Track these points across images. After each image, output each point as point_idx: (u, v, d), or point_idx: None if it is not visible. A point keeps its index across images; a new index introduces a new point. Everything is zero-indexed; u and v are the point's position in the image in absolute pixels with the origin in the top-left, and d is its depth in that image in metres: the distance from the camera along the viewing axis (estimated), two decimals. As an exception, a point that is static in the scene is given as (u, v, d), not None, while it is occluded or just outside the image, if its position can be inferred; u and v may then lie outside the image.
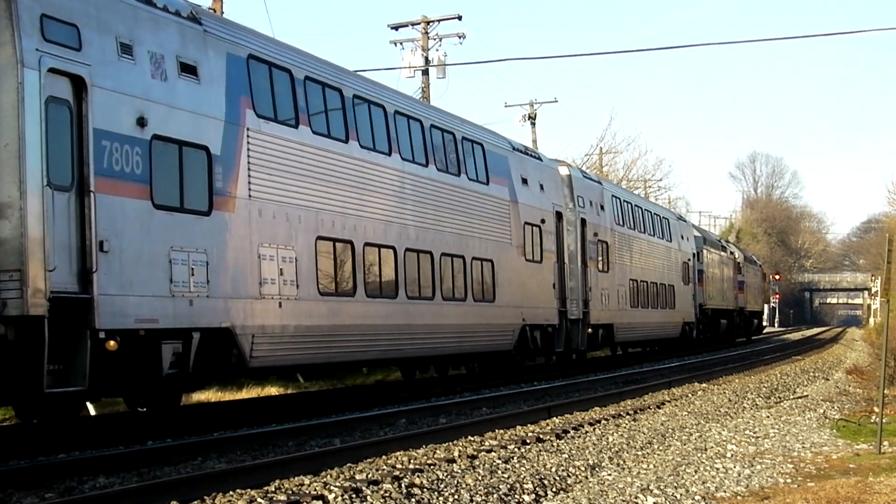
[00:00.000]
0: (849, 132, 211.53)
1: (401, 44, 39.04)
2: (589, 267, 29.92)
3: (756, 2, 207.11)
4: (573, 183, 29.55)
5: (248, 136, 15.57)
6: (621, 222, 33.99)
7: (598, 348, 32.72)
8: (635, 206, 36.93)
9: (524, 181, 25.93)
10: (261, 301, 15.52)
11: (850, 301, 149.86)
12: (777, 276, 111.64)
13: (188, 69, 14.55)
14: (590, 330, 29.67)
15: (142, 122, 13.48)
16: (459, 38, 38.84)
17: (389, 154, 19.70)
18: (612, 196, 33.60)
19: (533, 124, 53.28)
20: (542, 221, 26.72)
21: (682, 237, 43.19)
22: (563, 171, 29.55)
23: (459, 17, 38.92)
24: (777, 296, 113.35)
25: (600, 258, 31.22)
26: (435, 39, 38.85)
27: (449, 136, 22.47)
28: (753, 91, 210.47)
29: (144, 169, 13.46)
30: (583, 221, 29.86)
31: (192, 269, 14.15)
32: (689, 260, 43.30)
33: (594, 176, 33.81)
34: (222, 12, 26.69)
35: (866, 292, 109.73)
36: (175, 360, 13.84)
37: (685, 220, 47.55)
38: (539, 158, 28.13)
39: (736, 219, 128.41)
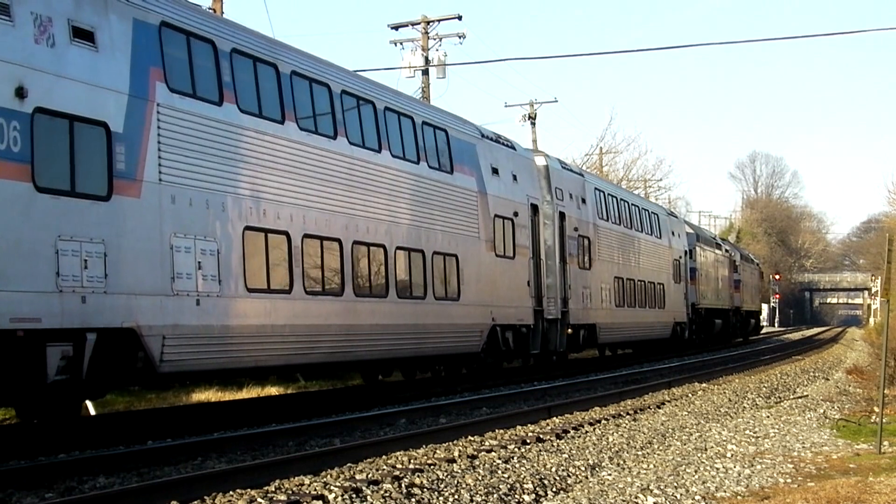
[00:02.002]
0: (849, 132, 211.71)
1: (401, 44, 39.06)
2: (568, 264, 28.12)
3: (756, 2, 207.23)
4: (550, 174, 27.64)
5: (158, 112, 13.85)
6: (605, 217, 32.07)
7: (580, 350, 30.74)
8: (621, 200, 34.98)
9: (494, 171, 24.14)
10: (173, 298, 13.82)
11: (850, 301, 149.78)
12: (777, 276, 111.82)
13: (83, 35, 12.84)
14: (570, 330, 27.86)
15: (21, 93, 11.81)
16: (459, 38, 38.89)
17: (334, 137, 17.92)
18: (595, 189, 31.68)
19: (533, 124, 53.25)
20: (515, 214, 24.87)
21: (673, 234, 41.23)
22: (540, 161, 27.69)
23: (459, 17, 38.96)
24: (777, 296, 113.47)
25: (581, 254, 29.36)
26: (435, 39, 38.85)
27: (407, 121, 20.59)
28: (753, 91, 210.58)
29: (24, 146, 11.77)
30: (561, 215, 27.95)
31: (86, 261, 12.47)
32: (680, 257, 41.47)
33: (575, 167, 31.59)
34: (222, 12, 26.68)
35: (866, 292, 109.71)
36: (64, 366, 12.19)
37: (676, 216, 45.70)
38: (512, 147, 26.14)
39: (736, 219, 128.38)
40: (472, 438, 13.38)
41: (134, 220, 13.30)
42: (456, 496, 9.48)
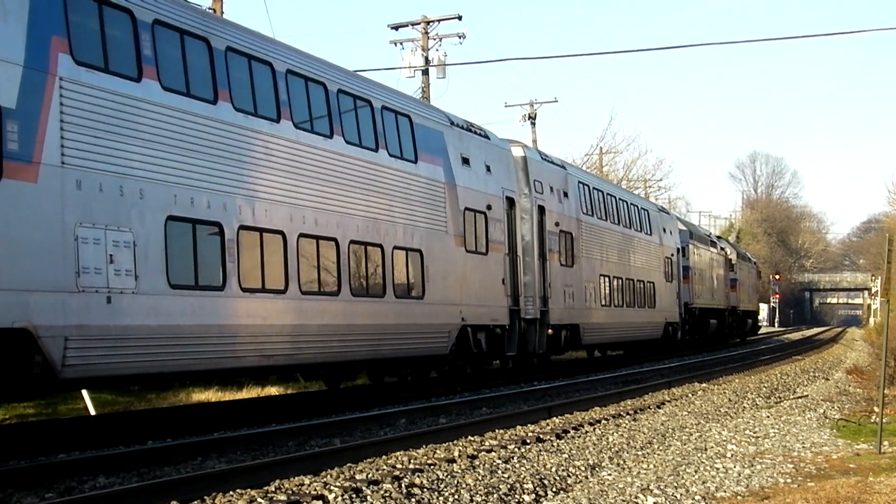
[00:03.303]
0: (849, 132, 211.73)
1: (401, 44, 39.07)
2: (549, 261, 26.45)
3: (756, 2, 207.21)
4: (529, 165, 26.00)
5: (60, 87, 12.36)
6: (590, 212, 30.39)
7: (562, 352, 28.84)
8: (608, 194, 33.25)
9: (465, 161, 22.51)
10: (78, 295, 12.28)
11: (850, 301, 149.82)
12: (777, 276, 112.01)
13: None
14: (550, 331, 26.27)
15: None
16: (459, 38, 38.91)
17: (277, 121, 16.39)
18: (579, 182, 29.99)
19: (533, 124, 53.28)
20: (489, 208, 23.22)
21: (665, 230, 39.52)
22: (517, 151, 25.96)
23: (459, 17, 38.96)
24: (777, 296, 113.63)
25: (563, 251, 27.69)
26: (435, 39, 38.86)
27: (364, 105, 18.98)
28: (753, 91, 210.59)
29: None
30: (541, 209, 26.27)
31: None
32: (672, 255, 39.84)
33: (557, 159, 29.76)
34: (222, 12, 26.67)
35: (866, 292, 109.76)
36: None
37: (668, 213, 43.82)
38: (486, 136, 24.39)
39: (736, 219, 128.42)
40: (472, 438, 13.38)
41: (29, 206, 11.77)
42: (456, 496, 9.48)
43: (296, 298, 16.36)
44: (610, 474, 10.90)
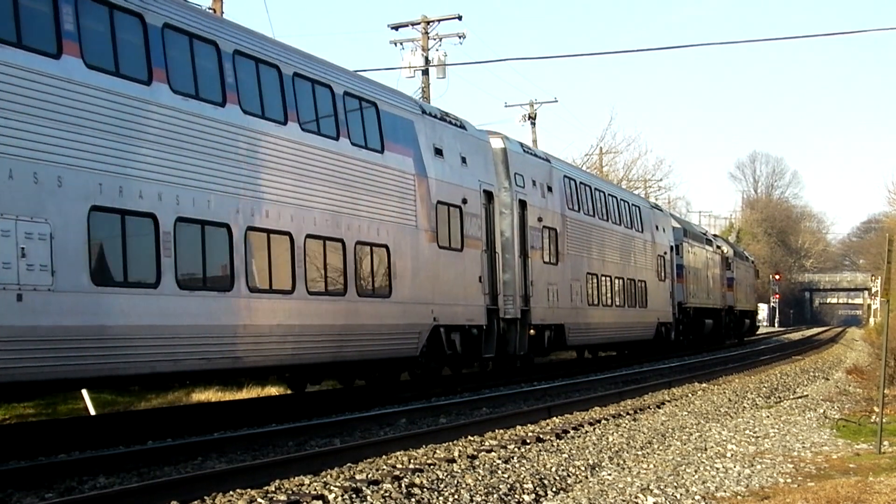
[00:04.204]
0: (849, 132, 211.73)
1: (401, 44, 39.08)
2: (531, 258, 25.20)
3: (756, 2, 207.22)
4: (509, 158, 24.74)
5: None
6: (576, 207, 29.08)
7: (546, 353, 27.59)
8: (596, 189, 31.83)
9: (438, 152, 21.17)
10: None
11: (850, 301, 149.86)
12: (777, 276, 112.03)
13: None
14: (532, 331, 25.02)
15: None
16: (459, 38, 38.91)
17: (223, 105, 15.11)
18: (565, 177, 28.64)
19: (533, 124, 53.31)
20: (464, 201, 21.90)
21: (657, 228, 38.18)
22: (496, 143, 24.63)
23: (459, 17, 38.96)
24: (777, 296, 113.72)
25: (547, 248, 26.45)
26: (435, 39, 38.86)
27: (323, 90, 17.71)
28: (753, 91, 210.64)
29: None
30: (522, 204, 25.03)
31: None
32: (665, 253, 38.49)
33: (541, 152, 28.40)
34: (222, 13, 26.68)
35: (866, 292, 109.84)
36: None
37: (661, 210, 42.47)
38: (462, 127, 23.00)
39: (736, 219, 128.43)
40: (472, 438, 13.39)
41: None
42: (456, 496, 9.49)
43: (244, 297, 15.15)
44: (610, 474, 10.91)
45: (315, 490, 9.56)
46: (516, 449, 12.51)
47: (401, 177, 19.66)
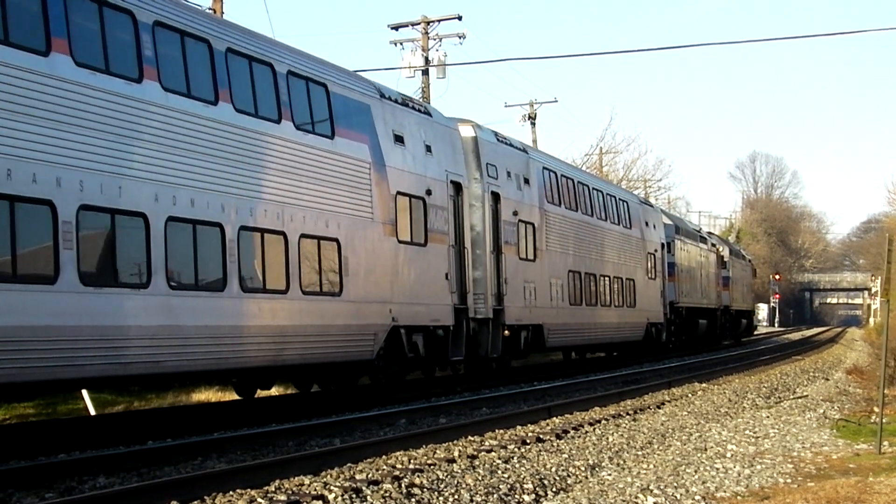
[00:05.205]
0: (849, 132, 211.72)
1: (401, 44, 39.07)
2: (505, 254, 23.60)
3: (756, 2, 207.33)
4: (480, 147, 23.11)
5: None
6: (556, 201, 27.48)
7: (523, 355, 25.81)
8: (579, 183, 30.02)
9: (398, 139, 19.58)
10: None
11: (850, 301, 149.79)
12: (777, 276, 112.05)
13: None
14: (507, 332, 23.48)
15: None
16: (459, 38, 38.90)
17: (139, 81, 13.60)
18: (544, 168, 26.95)
19: (533, 124, 53.33)
20: (428, 193, 20.29)
21: (647, 224, 36.44)
22: (466, 131, 23.00)
23: (459, 17, 38.95)
24: (777, 296, 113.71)
25: (523, 243, 24.88)
26: (435, 39, 38.86)
27: (263, 69, 16.27)
28: (753, 91, 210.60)
29: None
30: (495, 196, 23.41)
31: None
32: (656, 251, 36.85)
33: (517, 142, 26.43)
34: (222, 13, 26.71)
35: (866, 292, 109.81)
36: None
37: (651, 205, 40.79)
38: (427, 113, 21.42)
39: (736, 219, 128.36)
40: (472, 438, 13.39)
41: None
42: (456, 496, 9.49)
43: (163, 294, 13.68)
44: (610, 474, 10.91)
45: (315, 490, 9.56)
46: (516, 449, 12.51)
47: (354, 165, 18.16)
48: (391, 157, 19.29)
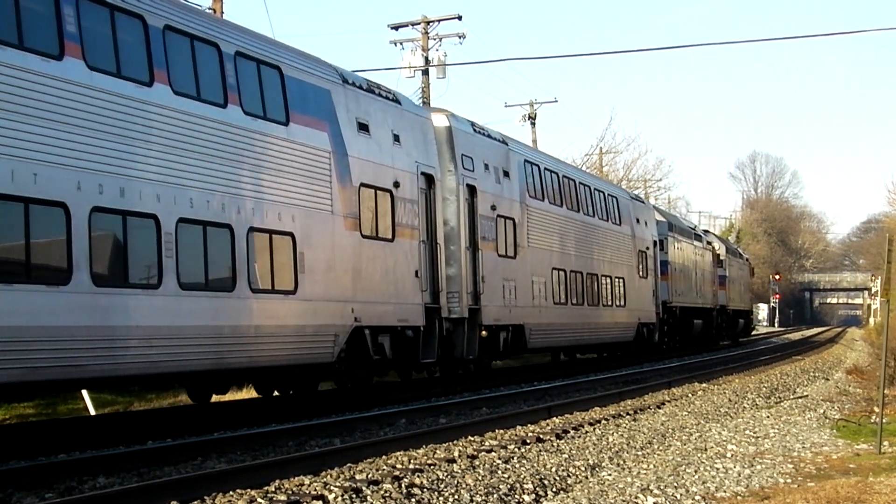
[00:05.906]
0: (849, 132, 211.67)
1: (401, 44, 39.10)
2: (482, 250, 22.46)
3: (756, 2, 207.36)
4: (454, 137, 21.89)
5: None
6: (539, 195, 26.31)
7: (503, 357, 24.81)
8: (564, 177, 28.82)
9: (362, 127, 18.41)
10: None
11: (850, 301, 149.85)
12: (777, 276, 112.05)
13: None
14: (484, 333, 22.35)
15: None
16: (459, 38, 38.94)
17: (60, 58, 12.49)
18: (525, 161, 25.79)
19: (533, 124, 53.33)
20: (396, 185, 19.19)
21: (639, 221, 35.30)
22: (440, 120, 21.81)
23: (459, 17, 38.98)
24: (777, 296, 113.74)
25: (502, 240, 23.75)
26: (435, 39, 38.88)
27: (207, 49, 15.14)
28: (753, 91, 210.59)
29: None
30: (471, 189, 22.27)
31: None
32: (648, 248, 35.70)
33: (496, 133, 25.02)
34: (222, 13, 26.70)
35: (866, 292, 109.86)
36: None
37: (643, 202, 39.61)
38: (396, 101, 20.17)
39: (736, 219, 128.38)
40: (472, 438, 13.38)
41: None
42: (456, 496, 9.49)
43: (87, 292, 12.54)
44: (610, 474, 10.91)
45: (315, 490, 9.55)
46: (516, 449, 12.50)
47: (312, 154, 16.99)
48: (354, 146, 18.14)
